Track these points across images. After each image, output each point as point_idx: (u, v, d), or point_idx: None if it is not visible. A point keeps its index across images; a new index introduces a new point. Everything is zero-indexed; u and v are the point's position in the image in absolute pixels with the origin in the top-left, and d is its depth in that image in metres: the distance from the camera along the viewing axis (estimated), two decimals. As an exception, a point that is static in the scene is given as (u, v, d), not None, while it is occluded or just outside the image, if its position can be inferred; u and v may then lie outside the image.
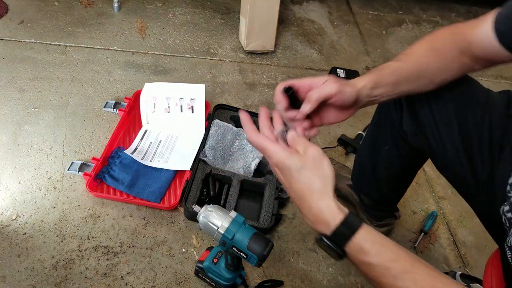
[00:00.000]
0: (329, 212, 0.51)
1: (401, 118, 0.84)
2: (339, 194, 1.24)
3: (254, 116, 0.54)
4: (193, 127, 1.31)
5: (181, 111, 1.31)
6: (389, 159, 0.95)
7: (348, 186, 1.20)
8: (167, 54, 1.64)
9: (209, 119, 1.34)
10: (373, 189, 1.08)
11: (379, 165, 0.99)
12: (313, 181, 0.52)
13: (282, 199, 1.19)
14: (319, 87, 0.63)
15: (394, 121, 0.86)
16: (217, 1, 1.99)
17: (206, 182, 1.18)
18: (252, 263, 0.77)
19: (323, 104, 0.65)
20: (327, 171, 0.52)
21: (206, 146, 1.24)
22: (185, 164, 1.21)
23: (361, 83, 0.66)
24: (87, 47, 1.58)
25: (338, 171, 1.26)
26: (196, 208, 0.82)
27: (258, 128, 0.58)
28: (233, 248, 0.78)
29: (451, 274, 1.00)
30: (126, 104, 1.34)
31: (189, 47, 1.70)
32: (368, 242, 0.49)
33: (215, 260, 0.94)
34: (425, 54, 0.70)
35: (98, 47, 1.59)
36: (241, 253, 0.78)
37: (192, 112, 1.31)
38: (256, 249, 0.76)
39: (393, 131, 0.89)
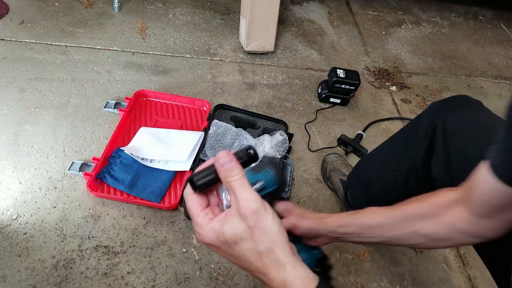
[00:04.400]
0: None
1: (430, 161, 0.78)
2: (330, 187, 1.28)
3: (254, 116, 0.52)
4: (191, 133, 1.32)
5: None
6: (393, 184, 0.91)
7: (340, 181, 1.21)
8: (168, 54, 1.64)
9: (209, 119, 1.34)
10: (362, 198, 1.07)
11: (379, 185, 0.96)
12: (259, 254, 0.40)
13: (282, 198, 1.19)
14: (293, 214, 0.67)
15: (416, 159, 0.81)
16: (217, 2, 1.99)
17: (206, 182, 1.18)
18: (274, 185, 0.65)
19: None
20: (272, 230, 0.40)
21: (206, 146, 1.24)
22: (185, 164, 1.21)
23: (330, 219, 0.67)
24: (87, 48, 1.58)
25: (338, 166, 1.27)
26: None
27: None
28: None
29: None
30: (126, 104, 1.34)
31: (189, 47, 1.70)
32: None
33: None
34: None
35: (99, 47, 1.59)
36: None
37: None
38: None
39: (410, 165, 0.84)
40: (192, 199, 0.44)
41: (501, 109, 0.51)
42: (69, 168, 1.16)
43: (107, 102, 1.37)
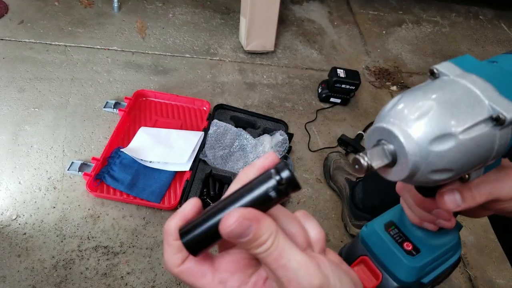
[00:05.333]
0: None
1: None
2: (333, 186, 1.27)
3: (254, 116, 0.50)
4: (191, 133, 1.32)
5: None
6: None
7: (345, 180, 1.21)
8: (167, 54, 1.64)
9: (209, 119, 1.34)
10: (376, 198, 1.06)
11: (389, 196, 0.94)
12: None
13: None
14: (486, 180, 0.37)
15: None
16: (217, 1, 1.99)
17: (206, 182, 1.18)
18: None
19: None
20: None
21: (206, 146, 1.24)
22: (185, 165, 1.21)
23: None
24: (87, 47, 1.58)
25: (342, 165, 1.27)
26: None
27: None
28: None
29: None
30: (126, 104, 1.34)
31: (189, 47, 1.70)
32: None
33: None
34: None
35: (98, 47, 1.59)
36: None
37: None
38: None
39: None
40: (190, 268, 0.27)
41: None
42: (69, 168, 1.15)
43: (107, 102, 1.36)
